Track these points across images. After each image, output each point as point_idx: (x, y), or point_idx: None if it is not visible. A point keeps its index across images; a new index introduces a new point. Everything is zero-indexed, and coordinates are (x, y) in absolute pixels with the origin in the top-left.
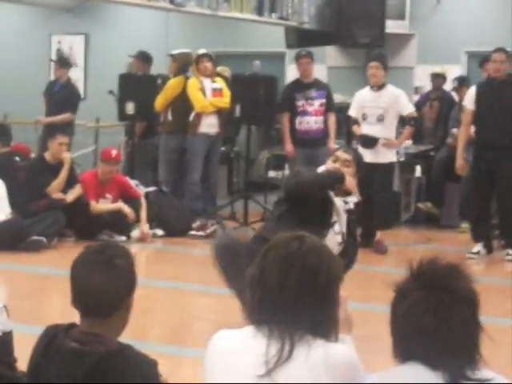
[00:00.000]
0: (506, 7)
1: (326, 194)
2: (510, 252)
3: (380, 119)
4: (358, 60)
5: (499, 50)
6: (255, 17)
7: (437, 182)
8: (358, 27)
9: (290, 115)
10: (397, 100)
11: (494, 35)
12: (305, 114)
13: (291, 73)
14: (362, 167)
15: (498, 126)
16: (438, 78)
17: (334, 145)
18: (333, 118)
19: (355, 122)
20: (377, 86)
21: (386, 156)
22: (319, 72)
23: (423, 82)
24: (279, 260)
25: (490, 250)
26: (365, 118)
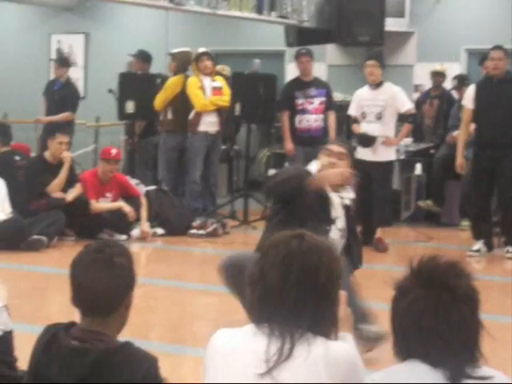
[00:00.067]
0: (506, 5)
1: (322, 190)
2: (510, 249)
3: (378, 117)
4: (357, 58)
5: (497, 48)
6: (255, 15)
7: (437, 179)
8: (357, 25)
9: (289, 113)
10: (395, 97)
11: (493, 33)
12: (305, 112)
13: (291, 71)
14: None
15: (497, 124)
16: (438, 76)
17: None
18: (333, 117)
19: (355, 120)
20: (374, 84)
21: (385, 154)
22: (319, 70)
23: (423, 80)
24: (279, 259)
25: (490, 247)
26: (364, 116)
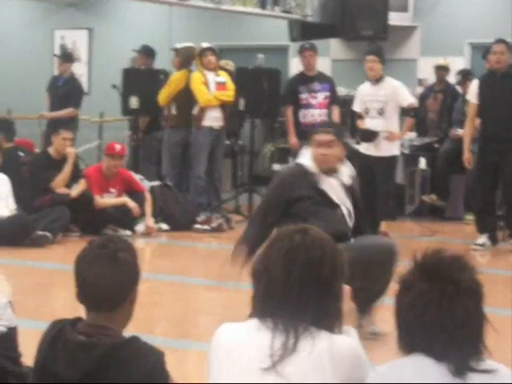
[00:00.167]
0: None
1: (312, 182)
2: None
3: (380, 112)
4: (361, 52)
5: (499, 41)
6: (258, 10)
7: (441, 173)
8: (361, 20)
9: (293, 108)
10: (396, 92)
11: (497, 26)
12: (309, 106)
13: (295, 66)
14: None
15: (501, 118)
16: (442, 70)
17: None
18: (337, 111)
19: (359, 116)
20: (375, 80)
21: (388, 149)
22: (323, 65)
23: (427, 74)
24: (283, 252)
25: (494, 241)
26: (367, 112)
